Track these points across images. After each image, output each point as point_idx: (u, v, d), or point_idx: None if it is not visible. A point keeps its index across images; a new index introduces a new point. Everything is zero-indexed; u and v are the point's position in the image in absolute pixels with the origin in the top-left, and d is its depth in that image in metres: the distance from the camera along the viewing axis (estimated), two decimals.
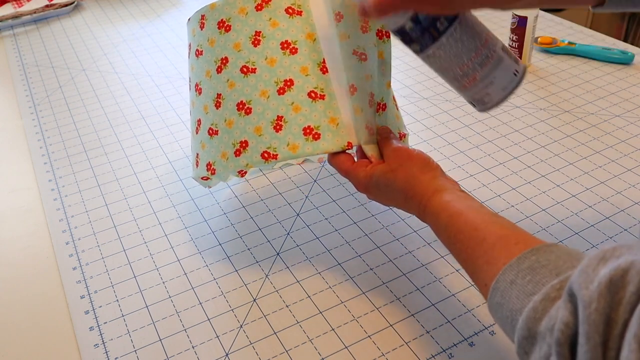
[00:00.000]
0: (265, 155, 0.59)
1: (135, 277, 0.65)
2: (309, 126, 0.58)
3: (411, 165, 0.55)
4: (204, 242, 0.69)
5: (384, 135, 0.61)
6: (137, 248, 0.69)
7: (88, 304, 0.62)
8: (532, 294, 0.38)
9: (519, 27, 0.98)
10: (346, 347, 0.56)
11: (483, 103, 0.57)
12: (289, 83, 0.59)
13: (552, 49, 1.06)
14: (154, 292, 0.63)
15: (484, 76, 0.55)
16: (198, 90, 0.64)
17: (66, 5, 1.36)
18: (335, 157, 0.60)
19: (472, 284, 0.61)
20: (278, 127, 0.59)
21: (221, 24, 0.61)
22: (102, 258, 0.68)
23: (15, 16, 1.30)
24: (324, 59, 0.59)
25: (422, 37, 0.53)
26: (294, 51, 0.59)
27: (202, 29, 0.63)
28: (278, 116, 0.59)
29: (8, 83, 1.08)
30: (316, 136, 0.58)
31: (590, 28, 1.19)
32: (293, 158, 0.59)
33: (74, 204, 0.76)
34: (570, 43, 1.05)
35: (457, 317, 0.58)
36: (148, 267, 0.66)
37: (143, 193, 0.78)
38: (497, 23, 1.20)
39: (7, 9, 1.33)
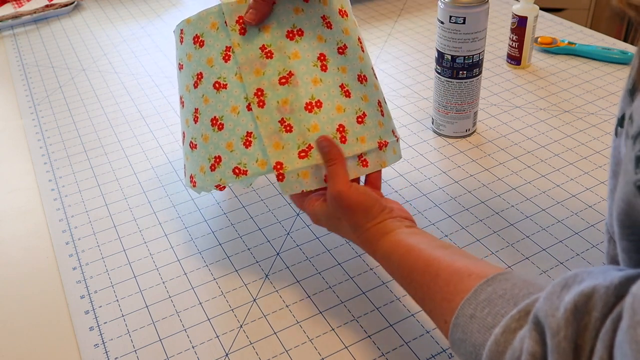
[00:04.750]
0: (236, 171, 0.59)
1: (135, 277, 0.65)
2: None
3: (353, 215, 0.54)
4: (204, 242, 0.69)
5: (330, 166, 0.56)
6: (137, 248, 0.69)
7: (88, 304, 0.62)
8: (493, 327, 0.38)
9: (519, 27, 0.98)
10: (346, 347, 0.56)
11: None
12: None
13: (552, 49, 1.06)
14: (154, 292, 0.63)
15: None
16: (181, 103, 0.65)
17: (66, 5, 1.36)
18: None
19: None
20: (247, 143, 0.58)
21: (196, 39, 0.61)
22: (102, 258, 0.68)
23: (15, 16, 1.30)
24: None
25: None
26: None
27: (181, 43, 0.63)
28: (247, 132, 0.58)
29: (8, 83, 1.08)
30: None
31: (590, 28, 1.19)
32: (262, 174, 0.59)
33: (74, 204, 0.76)
34: (570, 43, 1.05)
35: None
36: (148, 267, 0.66)
37: (143, 193, 0.78)
38: (496, 23, 1.20)
39: (7, 9, 1.33)
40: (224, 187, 0.62)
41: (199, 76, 0.61)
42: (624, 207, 0.34)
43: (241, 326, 0.59)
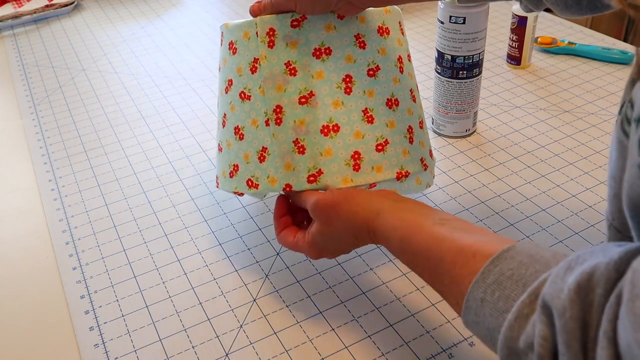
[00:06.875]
0: (249, 183, 0.59)
1: (135, 277, 0.65)
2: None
3: (338, 209, 0.53)
4: (204, 242, 0.69)
5: (293, 201, 0.58)
6: (137, 248, 0.69)
7: (88, 304, 0.62)
8: (505, 312, 0.38)
9: (519, 27, 0.98)
10: (346, 347, 0.56)
11: None
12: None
13: (552, 49, 1.06)
14: (154, 292, 0.63)
15: None
16: (218, 104, 0.65)
17: (66, 5, 1.36)
18: (279, 235, 0.59)
19: None
20: (262, 157, 0.58)
21: (230, 45, 0.61)
22: (102, 258, 0.68)
23: (15, 16, 1.30)
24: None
25: None
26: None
27: (222, 45, 0.64)
28: (263, 147, 0.58)
29: (8, 83, 1.08)
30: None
31: (590, 28, 1.19)
32: (272, 191, 0.58)
33: (74, 204, 0.76)
34: (570, 43, 1.05)
35: (457, 317, 0.58)
36: (148, 267, 0.66)
37: (143, 193, 0.78)
38: (496, 23, 1.20)
39: (7, 9, 1.33)
40: (243, 194, 0.62)
41: (230, 83, 0.61)
42: (627, 189, 0.35)
43: (241, 326, 0.59)
